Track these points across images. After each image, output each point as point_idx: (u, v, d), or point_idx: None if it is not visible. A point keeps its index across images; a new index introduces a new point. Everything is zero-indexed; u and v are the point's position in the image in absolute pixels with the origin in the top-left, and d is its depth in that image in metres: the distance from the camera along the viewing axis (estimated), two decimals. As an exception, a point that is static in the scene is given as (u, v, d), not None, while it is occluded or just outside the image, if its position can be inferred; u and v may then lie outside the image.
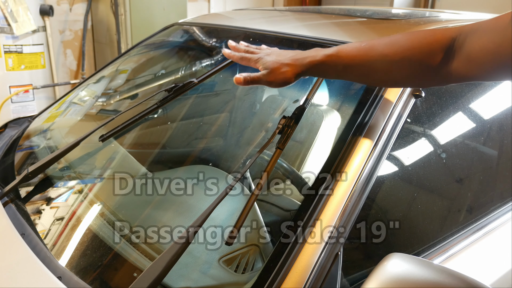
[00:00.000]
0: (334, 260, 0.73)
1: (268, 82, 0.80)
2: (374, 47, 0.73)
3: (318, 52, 0.78)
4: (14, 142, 1.42)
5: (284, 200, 1.02)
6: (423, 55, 0.68)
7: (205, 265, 0.84)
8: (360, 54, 0.74)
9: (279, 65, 0.79)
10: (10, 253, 0.89)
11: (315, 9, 1.77)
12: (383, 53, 0.72)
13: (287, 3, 5.16)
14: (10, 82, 3.08)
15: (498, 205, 1.17)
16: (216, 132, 1.37)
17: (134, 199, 1.09)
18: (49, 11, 3.21)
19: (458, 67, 0.66)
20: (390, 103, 0.90)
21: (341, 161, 0.83)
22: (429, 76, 0.70)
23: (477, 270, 0.99)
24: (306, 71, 0.78)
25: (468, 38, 0.64)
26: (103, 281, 0.85)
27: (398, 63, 0.70)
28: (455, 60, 0.66)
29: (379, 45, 0.73)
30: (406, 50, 0.70)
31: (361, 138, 0.85)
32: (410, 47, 0.70)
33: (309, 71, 0.78)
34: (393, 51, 0.71)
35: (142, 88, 1.65)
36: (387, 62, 0.71)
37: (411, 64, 0.69)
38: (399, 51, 0.70)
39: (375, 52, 0.73)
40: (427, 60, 0.68)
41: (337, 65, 0.75)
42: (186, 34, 1.69)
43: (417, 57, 0.69)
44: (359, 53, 0.74)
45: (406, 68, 0.70)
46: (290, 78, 0.79)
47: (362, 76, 0.77)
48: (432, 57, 0.68)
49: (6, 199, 1.06)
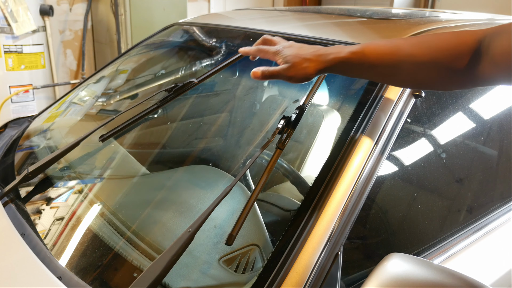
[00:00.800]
0: (334, 260, 0.73)
1: (288, 77, 0.77)
2: (401, 46, 0.72)
3: (342, 49, 0.75)
4: (14, 142, 1.42)
5: (284, 200, 1.02)
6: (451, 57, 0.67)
7: (205, 265, 0.84)
8: (386, 53, 0.72)
9: (301, 60, 0.76)
10: (10, 253, 0.89)
11: (315, 9, 1.77)
12: (411, 53, 0.70)
13: (287, 3, 5.16)
14: (10, 82, 3.08)
15: (498, 205, 1.17)
16: (216, 132, 1.37)
17: (134, 199, 1.09)
18: (49, 11, 3.21)
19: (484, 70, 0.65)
20: (390, 103, 0.90)
21: (341, 161, 0.83)
22: (455, 79, 0.69)
23: (477, 270, 0.99)
24: (329, 68, 0.76)
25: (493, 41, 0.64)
26: (103, 281, 0.85)
27: (425, 64, 0.69)
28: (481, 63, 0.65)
29: (406, 44, 0.72)
30: (433, 51, 0.68)
31: (361, 138, 0.85)
32: (438, 49, 0.68)
33: (332, 68, 0.76)
34: (420, 51, 0.69)
35: (142, 88, 1.65)
36: (414, 63, 0.70)
37: (438, 65, 0.68)
38: (427, 52, 0.69)
39: (402, 52, 0.71)
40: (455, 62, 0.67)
41: (363, 64, 0.73)
42: (186, 34, 1.69)
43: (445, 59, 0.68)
44: (385, 52, 0.72)
45: (433, 69, 0.69)
46: (311, 74, 0.76)
47: (387, 76, 0.75)
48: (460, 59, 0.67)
49: (6, 199, 1.06)
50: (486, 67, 0.64)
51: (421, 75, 0.71)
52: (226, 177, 1.07)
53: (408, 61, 0.70)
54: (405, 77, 0.73)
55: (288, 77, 0.77)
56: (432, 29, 1.12)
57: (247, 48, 0.88)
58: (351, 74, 0.78)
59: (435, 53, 0.68)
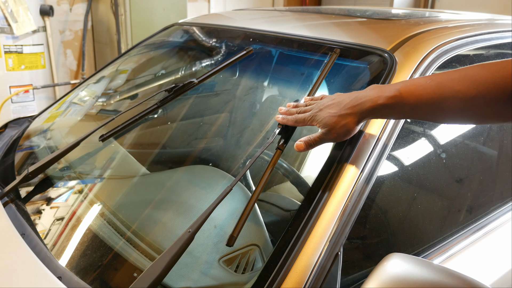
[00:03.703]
0: (334, 260, 0.73)
1: (331, 139, 0.76)
2: (442, 83, 0.67)
3: (378, 93, 0.71)
4: (14, 142, 1.42)
5: (284, 200, 1.02)
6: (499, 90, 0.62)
7: (205, 265, 0.84)
8: (427, 93, 0.68)
9: (338, 119, 0.74)
10: (10, 253, 0.89)
11: (315, 9, 1.77)
12: (454, 89, 0.66)
13: (287, 3, 5.16)
14: (10, 82, 3.08)
15: (498, 205, 1.17)
16: (216, 132, 1.37)
17: (134, 199, 1.09)
18: (49, 11, 3.21)
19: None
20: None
21: (341, 161, 0.83)
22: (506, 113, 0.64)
23: (477, 270, 0.99)
24: (368, 117, 0.74)
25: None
26: (103, 281, 0.85)
27: (472, 100, 0.64)
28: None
29: (448, 80, 0.67)
30: (480, 85, 0.64)
31: (361, 138, 0.85)
32: (484, 82, 0.64)
33: (371, 116, 0.74)
34: (465, 87, 0.65)
35: (142, 88, 1.65)
36: (460, 100, 0.65)
37: (486, 100, 0.64)
38: (472, 86, 0.64)
39: (445, 90, 0.66)
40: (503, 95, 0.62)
41: (403, 107, 0.69)
42: (186, 34, 1.69)
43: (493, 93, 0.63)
44: (426, 92, 0.68)
45: (481, 105, 0.64)
46: (353, 128, 0.74)
47: (432, 115, 0.70)
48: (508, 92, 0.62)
49: (6, 199, 1.06)
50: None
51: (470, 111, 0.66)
52: (226, 177, 1.07)
53: (452, 98, 0.66)
54: (453, 115, 0.68)
55: (332, 139, 0.76)
56: (432, 29, 1.12)
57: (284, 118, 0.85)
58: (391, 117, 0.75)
59: (482, 86, 0.64)
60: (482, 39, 1.15)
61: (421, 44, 1.01)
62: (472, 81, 0.65)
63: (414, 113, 0.71)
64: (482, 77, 0.64)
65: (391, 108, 0.71)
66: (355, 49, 1.07)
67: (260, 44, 1.32)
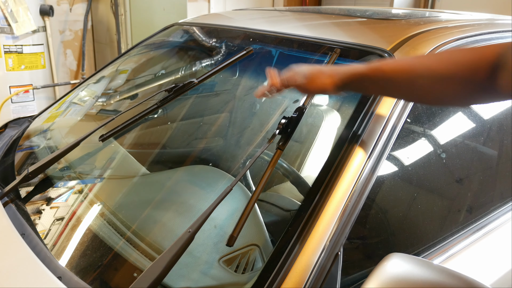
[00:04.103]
0: (334, 260, 0.73)
1: (305, 88, 0.78)
2: (419, 61, 0.71)
3: (358, 65, 0.75)
4: (14, 142, 1.42)
5: (284, 200, 1.02)
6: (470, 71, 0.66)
7: (205, 265, 0.85)
8: (404, 69, 0.71)
9: (319, 73, 0.77)
10: (10, 253, 0.89)
11: (315, 9, 1.77)
12: (428, 67, 0.70)
13: (287, 3, 5.16)
14: (10, 82, 3.08)
15: (498, 205, 1.17)
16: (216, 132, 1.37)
17: (134, 199, 1.09)
18: (49, 11, 3.21)
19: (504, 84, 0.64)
20: (390, 103, 0.90)
21: (341, 161, 0.83)
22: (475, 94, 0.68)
23: (477, 270, 0.99)
24: (347, 85, 0.76)
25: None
26: (103, 281, 0.85)
27: (443, 78, 0.68)
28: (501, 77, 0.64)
29: (424, 59, 0.71)
30: (452, 65, 0.67)
31: (361, 138, 0.85)
32: (456, 62, 0.67)
33: (350, 84, 0.76)
34: (438, 65, 0.69)
35: (142, 88, 1.65)
36: (432, 78, 0.69)
37: (457, 79, 0.67)
38: (444, 66, 0.68)
39: (420, 66, 0.70)
40: (474, 76, 0.66)
41: (380, 79, 0.73)
42: (186, 34, 1.69)
43: (463, 73, 0.66)
44: (403, 68, 0.72)
45: (451, 84, 0.68)
46: (329, 89, 0.76)
47: (405, 92, 0.74)
48: (479, 74, 0.65)
49: (6, 199, 1.06)
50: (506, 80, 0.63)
51: (439, 90, 0.69)
52: (226, 177, 1.07)
53: (425, 76, 0.69)
54: (424, 92, 0.72)
55: (305, 88, 0.78)
56: (432, 29, 1.12)
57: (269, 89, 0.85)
58: (368, 91, 0.78)
59: (453, 66, 0.67)
60: (482, 39, 1.15)
61: (421, 44, 1.01)
62: (446, 61, 0.68)
63: (390, 87, 0.73)
64: (455, 58, 0.68)
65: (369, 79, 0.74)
66: (355, 49, 1.07)
67: (260, 44, 1.32)
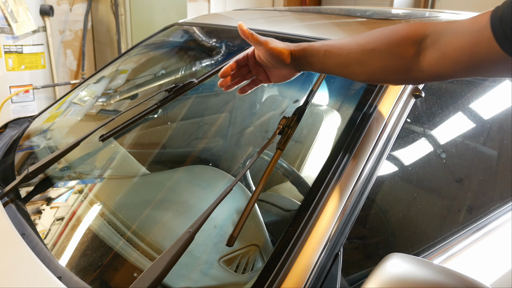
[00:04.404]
0: (334, 260, 0.73)
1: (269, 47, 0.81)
2: (351, 38, 0.76)
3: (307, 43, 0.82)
4: (14, 142, 1.42)
5: (284, 200, 1.02)
6: (394, 46, 0.69)
7: (205, 265, 0.85)
8: (337, 43, 0.77)
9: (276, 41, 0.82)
10: (10, 253, 0.89)
11: (315, 9, 1.77)
12: (357, 42, 0.74)
13: (287, 3, 5.16)
14: (10, 82, 3.08)
15: (498, 205, 1.17)
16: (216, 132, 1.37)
17: (134, 199, 1.09)
18: (49, 11, 3.21)
19: (431, 65, 0.66)
20: (390, 103, 0.91)
21: (341, 161, 0.83)
22: (401, 71, 0.71)
23: (477, 270, 0.99)
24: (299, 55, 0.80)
25: (443, 37, 0.65)
26: (103, 281, 0.85)
27: (370, 52, 0.72)
28: (427, 57, 0.66)
29: (355, 36, 0.76)
30: (378, 39, 0.71)
31: (361, 138, 0.85)
32: (382, 37, 0.71)
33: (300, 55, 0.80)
34: (366, 40, 0.73)
35: (142, 88, 1.65)
36: (361, 52, 0.73)
37: (382, 54, 0.71)
38: (371, 40, 0.72)
39: (350, 42, 0.75)
40: (397, 51, 0.69)
41: (319, 52, 0.78)
42: (186, 34, 1.69)
43: (388, 48, 0.70)
44: (336, 42, 0.77)
45: (378, 58, 0.71)
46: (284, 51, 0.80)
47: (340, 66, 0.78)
48: (403, 49, 0.68)
49: (6, 199, 1.06)
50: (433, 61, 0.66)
51: (369, 64, 0.73)
52: (226, 177, 1.07)
53: (355, 50, 0.74)
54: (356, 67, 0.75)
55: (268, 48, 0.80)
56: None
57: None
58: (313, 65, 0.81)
59: (379, 40, 0.71)
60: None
61: (421, 44, 1.01)
62: (374, 37, 0.73)
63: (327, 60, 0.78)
64: (382, 34, 0.72)
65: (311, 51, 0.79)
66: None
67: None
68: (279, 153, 0.84)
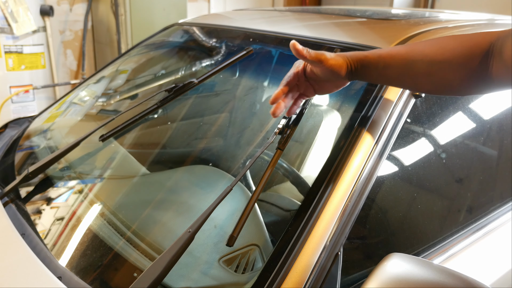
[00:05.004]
0: (334, 260, 0.73)
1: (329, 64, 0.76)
2: (415, 46, 0.73)
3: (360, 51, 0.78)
4: (14, 142, 1.43)
5: (284, 200, 1.02)
6: (464, 57, 0.67)
7: (205, 265, 0.85)
8: (400, 53, 0.73)
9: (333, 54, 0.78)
10: (10, 253, 0.89)
11: (315, 9, 1.77)
12: (424, 52, 0.71)
13: (287, 3, 5.16)
14: (10, 82, 3.08)
15: (498, 205, 1.17)
16: (216, 132, 1.37)
17: (134, 199, 1.09)
18: (49, 11, 3.21)
19: (498, 73, 0.65)
20: (390, 103, 0.91)
21: (341, 161, 0.83)
22: (471, 81, 0.69)
23: (477, 270, 0.99)
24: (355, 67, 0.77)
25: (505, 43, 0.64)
26: (103, 281, 0.85)
27: (439, 64, 0.69)
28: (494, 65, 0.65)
29: (420, 45, 0.73)
30: (447, 51, 0.69)
31: (361, 138, 0.85)
32: (452, 48, 0.69)
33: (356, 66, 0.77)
34: (434, 51, 0.70)
35: (142, 89, 1.65)
36: (428, 63, 0.70)
37: (452, 66, 0.68)
38: (440, 51, 0.70)
39: (416, 52, 0.72)
40: (468, 63, 0.67)
41: (378, 63, 0.75)
42: (186, 34, 1.69)
43: (458, 59, 0.68)
44: (399, 53, 0.74)
45: (447, 70, 0.69)
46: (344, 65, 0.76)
47: (402, 77, 0.75)
48: (472, 61, 0.67)
49: (6, 199, 1.06)
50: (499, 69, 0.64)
51: (436, 76, 0.70)
52: (226, 177, 1.07)
53: (422, 60, 0.71)
54: (421, 78, 0.73)
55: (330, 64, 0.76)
56: (432, 29, 1.12)
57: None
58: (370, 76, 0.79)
59: (449, 52, 0.68)
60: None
61: (421, 44, 1.01)
62: (441, 47, 0.70)
63: (388, 72, 0.75)
64: (450, 45, 0.70)
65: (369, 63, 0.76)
66: (355, 49, 1.07)
67: (260, 44, 1.32)
68: (279, 153, 0.84)
